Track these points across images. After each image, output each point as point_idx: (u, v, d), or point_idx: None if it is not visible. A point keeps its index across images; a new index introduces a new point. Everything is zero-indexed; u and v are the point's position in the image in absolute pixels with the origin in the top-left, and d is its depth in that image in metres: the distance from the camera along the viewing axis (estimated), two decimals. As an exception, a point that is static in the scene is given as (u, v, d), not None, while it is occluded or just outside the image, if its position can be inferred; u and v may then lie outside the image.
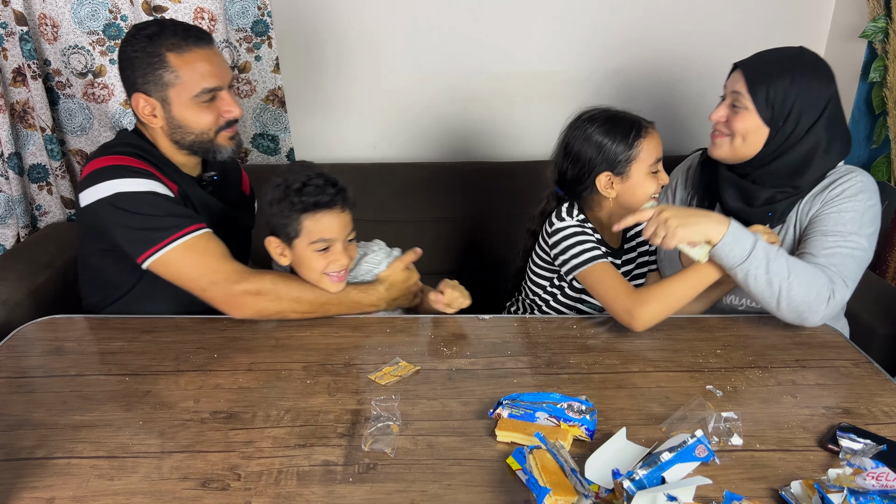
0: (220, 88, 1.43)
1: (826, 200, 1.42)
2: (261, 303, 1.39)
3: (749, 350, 1.37)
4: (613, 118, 1.55)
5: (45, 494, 0.98)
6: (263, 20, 2.07)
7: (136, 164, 1.40)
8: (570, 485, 0.95)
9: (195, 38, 1.40)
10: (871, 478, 0.97)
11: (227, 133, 1.48)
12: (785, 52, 1.44)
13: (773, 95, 1.40)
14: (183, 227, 1.37)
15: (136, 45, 1.39)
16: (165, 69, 1.38)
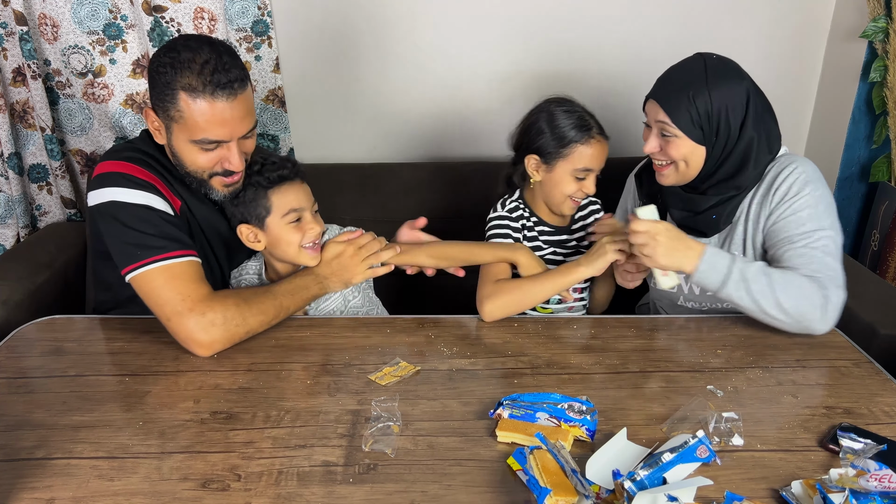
0: (224, 142, 1.36)
1: (776, 203, 1.41)
2: (230, 329, 1.32)
3: (750, 350, 1.37)
4: (571, 113, 1.57)
5: (44, 495, 0.98)
6: (263, 20, 2.07)
7: (139, 174, 1.37)
8: (571, 485, 0.95)
9: (216, 84, 1.30)
10: (873, 479, 0.97)
11: (223, 180, 1.41)
12: (688, 66, 1.43)
13: (697, 116, 1.38)
14: (168, 249, 1.33)
15: (159, 66, 1.33)
16: (174, 105, 1.32)
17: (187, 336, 1.30)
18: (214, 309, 1.31)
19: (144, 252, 1.32)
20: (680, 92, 1.39)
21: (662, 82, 1.44)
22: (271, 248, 1.48)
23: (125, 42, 2.02)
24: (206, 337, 1.30)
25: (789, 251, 1.37)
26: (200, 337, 1.30)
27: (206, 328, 1.30)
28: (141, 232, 1.33)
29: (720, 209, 1.45)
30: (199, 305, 1.30)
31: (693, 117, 1.38)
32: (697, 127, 1.39)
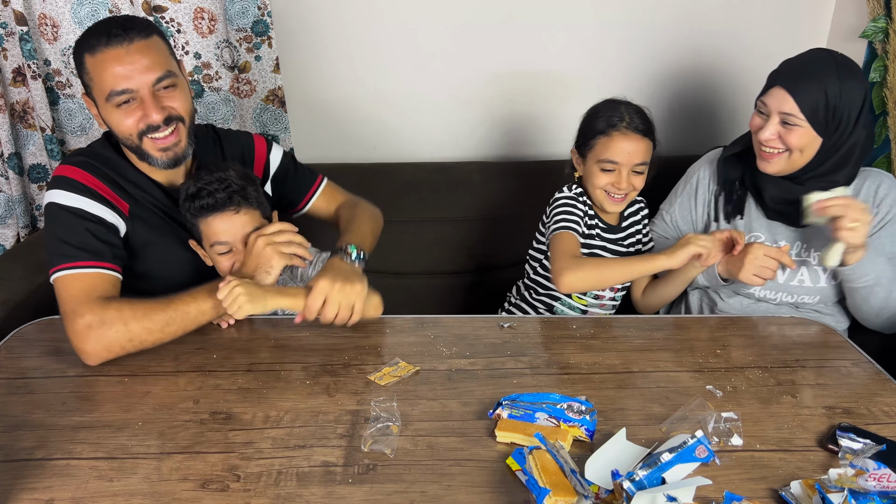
0: (130, 91, 1.33)
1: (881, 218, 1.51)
2: (106, 334, 1.26)
3: (749, 350, 1.37)
4: (610, 107, 1.61)
5: (44, 496, 0.98)
6: (263, 20, 2.07)
7: (84, 179, 1.37)
8: (570, 485, 0.95)
9: (110, 35, 1.30)
10: (872, 479, 0.97)
11: (153, 143, 1.37)
12: (819, 58, 1.44)
13: (825, 107, 1.41)
14: (79, 259, 1.31)
15: (74, 49, 1.37)
16: (84, 72, 1.35)
17: (70, 340, 1.28)
18: (94, 311, 1.26)
19: (59, 258, 1.32)
20: (811, 82, 1.40)
21: (793, 72, 1.43)
22: None
23: (125, 42, 2.02)
24: (80, 343, 1.26)
25: None
26: (76, 342, 1.27)
27: (83, 332, 1.26)
28: (61, 239, 1.33)
29: None
30: (80, 308, 1.27)
31: (821, 108, 1.41)
32: (822, 118, 1.42)
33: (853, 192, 1.52)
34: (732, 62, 2.27)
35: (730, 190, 1.62)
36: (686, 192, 1.70)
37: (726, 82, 2.30)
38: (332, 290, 1.32)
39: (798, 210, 1.50)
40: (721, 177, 1.64)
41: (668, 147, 2.35)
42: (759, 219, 1.60)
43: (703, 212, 1.67)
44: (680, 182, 1.75)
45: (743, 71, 2.28)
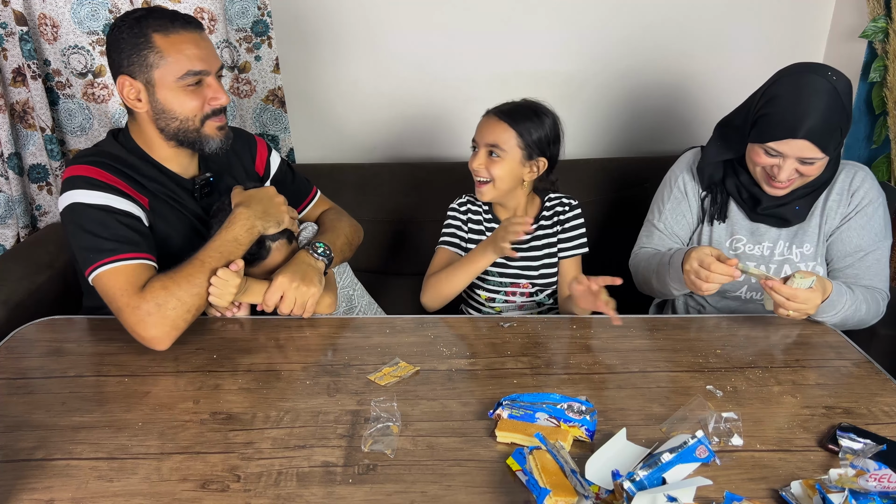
0: (206, 73, 1.40)
1: (853, 208, 1.53)
2: (167, 315, 1.30)
3: (749, 350, 1.37)
4: None
5: (44, 496, 0.98)
6: (263, 20, 2.07)
7: (101, 177, 1.38)
8: (571, 485, 0.95)
9: (183, 21, 1.39)
10: (873, 479, 0.97)
11: (214, 122, 1.44)
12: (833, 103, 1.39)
13: (840, 140, 1.44)
14: (118, 252, 1.33)
15: (122, 28, 1.37)
16: (150, 50, 1.36)
17: (134, 333, 1.32)
18: (146, 299, 1.30)
19: (97, 255, 1.34)
20: (835, 128, 1.41)
21: (814, 122, 1.38)
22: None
23: (125, 42, 2.02)
24: (145, 332, 1.30)
25: (861, 261, 1.53)
26: (143, 331, 1.30)
27: (144, 321, 1.30)
28: (95, 235, 1.35)
29: (804, 201, 1.54)
30: (133, 299, 1.30)
31: (838, 143, 1.44)
32: (836, 147, 1.45)
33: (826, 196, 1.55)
34: (732, 62, 2.27)
35: (714, 193, 1.63)
36: (674, 197, 1.67)
37: (726, 82, 2.30)
38: (289, 288, 1.41)
39: (787, 210, 1.54)
40: (705, 181, 1.63)
41: (671, 147, 2.36)
42: (741, 221, 1.61)
43: (695, 215, 1.66)
44: (662, 190, 1.72)
45: (743, 71, 2.28)
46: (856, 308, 1.45)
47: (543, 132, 1.63)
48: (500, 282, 1.71)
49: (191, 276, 1.33)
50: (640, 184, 2.14)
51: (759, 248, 1.60)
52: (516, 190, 1.67)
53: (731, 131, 1.58)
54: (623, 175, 2.18)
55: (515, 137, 1.61)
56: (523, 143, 1.61)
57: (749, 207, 1.58)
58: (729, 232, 1.62)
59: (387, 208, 2.14)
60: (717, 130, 1.63)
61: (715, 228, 1.63)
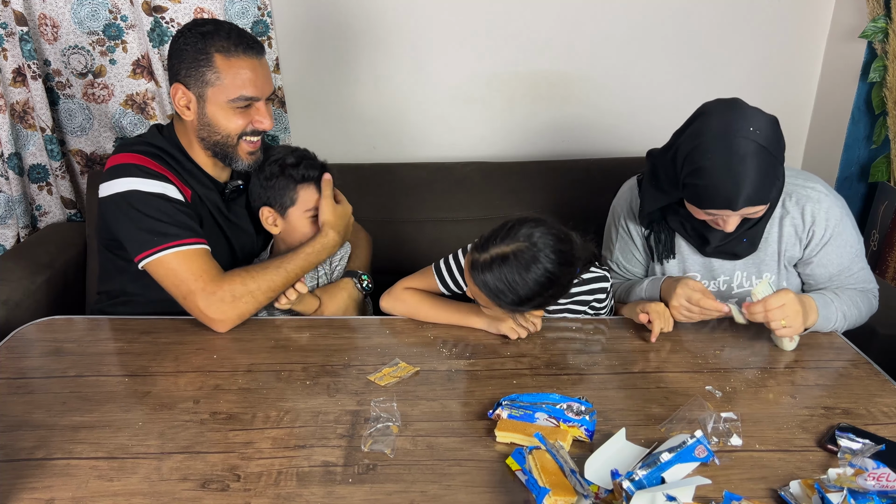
0: (257, 99, 1.45)
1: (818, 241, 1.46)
2: (239, 307, 1.40)
3: (748, 350, 1.37)
4: None
5: (44, 495, 0.98)
6: (263, 20, 2.07)
7: (152, 166, 1.44)
8: (570, 485, 0.95)
9: (246, 45, 1.42)
10: (871, 478, 0.97)
11: (248, 146, 1.49)
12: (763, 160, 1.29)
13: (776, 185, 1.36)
14: (182, 237, 1.40)
15: (187, 39, 1.41)
16: (209, 68, 1.40)
17: (200, 313, 1.40)
18: (223, 287, 1.39)
19: (160, 238, 1.39)
20: (770, 184, 1.32)
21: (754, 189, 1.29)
22: (284, 235, 1.58)
23: (125, 42, 2.02)
24: (218, 314, 1.39)
25: (851, 276, 1.50)
26: (213, 314, 1.39)
27: (217, 305, 1.38)
28: (156, 219, 1.39)
29: (751, 232, 1.45)
30: (209, 285, 1.38)
31: (779, 187, 1.38)
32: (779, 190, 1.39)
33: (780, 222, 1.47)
34: (732, 62, 2.27)
35: (658, 231, 1.55)
36: (620, 238, 1.63)
37: (727, 82, 2.30)
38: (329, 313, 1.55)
39: (734, 245, 1.46)
40: (646, 221, 1.55)
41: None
42: (692, 256, 1.54)
43: (643, 254, 1.62)
44: (609, 228, 1.68)
45: (743, 71, 2.28)
46: (848, 308, 1.43)
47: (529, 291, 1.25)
48: None
49: (271, 280, 1.44)
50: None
51: (714, 283, 1.53)
52: None
53: (661, 172, 1.46)
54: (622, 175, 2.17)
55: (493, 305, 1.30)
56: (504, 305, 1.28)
57: (697, 244, 1.51)
58: (681, 268, 1.55)
59: (387, 208, 2.14)
60: (648, 162, 1.53)
61: (666, 266, 1.56)
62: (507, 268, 1.22)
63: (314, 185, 1.56)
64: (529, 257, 1.22)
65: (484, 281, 1.25)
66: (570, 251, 1.27)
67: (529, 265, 1.22)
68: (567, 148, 2.36)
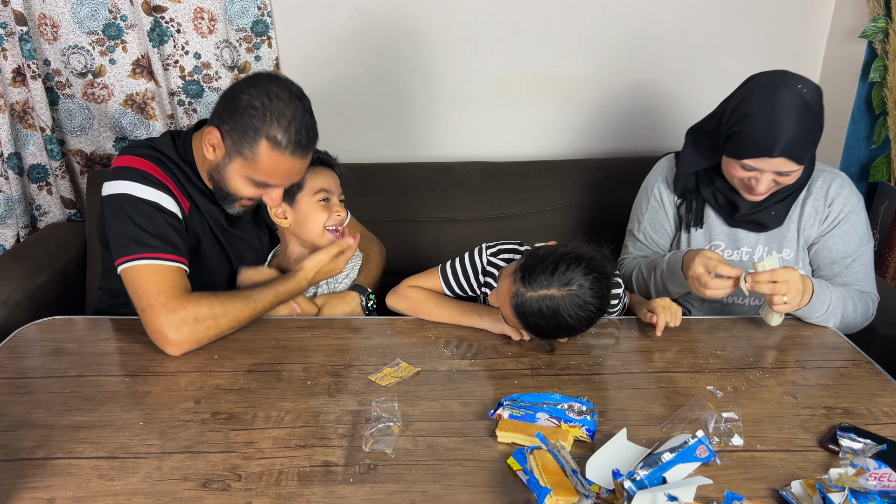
0: (275, 187, 1.44)
1: (834, 218, 1.53)
2: (199, 331, 1.33)
3: (749, 351, 1.37)
4: None
5: (45, 495, 0.98)
6: (263, 20, 2.07)
7: (155, 173, 1.42)
8: (571, 485, 0.95)
9: (297, 145, 1.37)
10: (873, 478, 0.97)
11: (247, 202, 1.48)
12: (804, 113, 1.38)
13: (815, 145, 1.45)
14: (159, 250, 1.36)
15: (250, 105, 1.34)
16: (251, 147, 1.36)
17: (156, 330, 1.32)
18: (187, 308, 1.32)
19: (138, 247, 1.36)
20: (810, 140, 1.41)
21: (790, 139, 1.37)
22: (296, 227, 1.56)
23: (125, 42, 2.02)
24: (175, 335, 1.31)
25: (849, 267, 1.54)
26: (170, 333, 1.31)
27: (176, 325, 1.31)
28: (140, 227, 1.37)
29: (780, 206, 1.53)
30: (172, 302, 1.32)
31: (812, 152, 1.46)
32: (812, 156, 1.47)
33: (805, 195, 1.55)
34: (732, 62, 2.28)
35: (689, 200, 1.62)
36: (651, 207, 1.68)
37: (727, 82, 2.30)
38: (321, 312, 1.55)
39: (763, 216, 1.53)
40: (679, 189, 1.62)
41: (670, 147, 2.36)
42: (719, 227, 1.60)
43: (673, 224, 1.66)
44: (640, 199, 1.72)
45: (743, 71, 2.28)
46: (843, 304, 1.45)
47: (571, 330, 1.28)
48: None
49: (238, 310, 1.38)
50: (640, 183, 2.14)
51: (737, 253, 1.59)
52: None
53: (703, 139, 1.57)
54: (622, 175, 2.18)
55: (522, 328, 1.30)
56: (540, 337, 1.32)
57: (726, 213, 1.58)
58: (707, 237, 1.61)
59: (387, 208, 2.14)
60: (688, 137, 1.62)
61: (693, 235, 1.62)
62: (554, 313, 1.21)
63: (322, 168, 1.56)
64: (577, 304, 1.21)
65: (527, 320, 1.24)
66: (608, 284, 1.27)
67: (576, 311, 1.22)
68: (567, 148, 2.36)
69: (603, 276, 1.25)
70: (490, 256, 1.49)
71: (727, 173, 1.51)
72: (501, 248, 1.49)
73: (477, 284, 1.51)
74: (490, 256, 1.49)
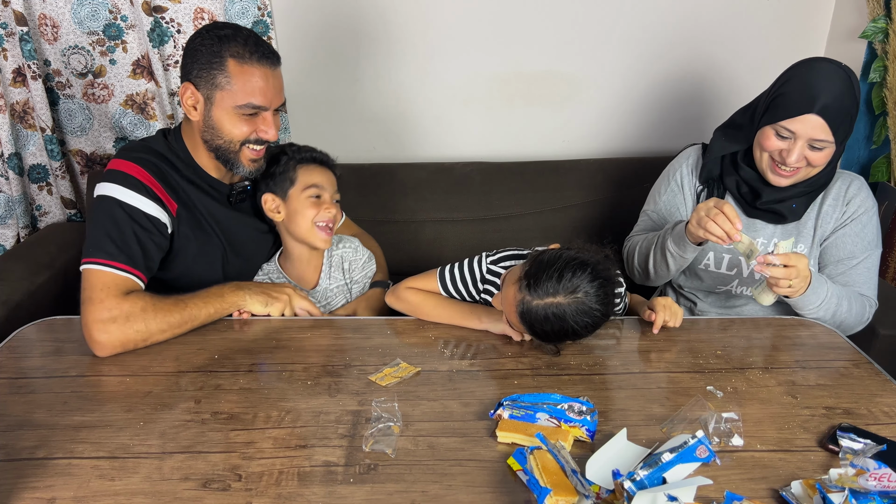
0: (265, 109, 1.44)
1: (849, 216, 1.55)
2: (127, 332, 1.31)
3: (749, 351, 1.37)
4: None
5: (45, 495, 0.98)
6: (263, 20, 2.07)
7: (140, 177, 1.42)
8: (571, 485, 0.95)
9: (261, 53, 1.41)
10: (873, 479, 0.97)
11: (250, 154, 1.48)
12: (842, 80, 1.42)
13: (849, 130, 1.46)
14: (115, 259, 1.35)
15: (204, 40, 1.40)
16: (221, 72, 1.39)
17: (85, 328, 1.32)
18: (121, 305, 1.32)
19: (96, 251, 1.36)
20: (847, 113, 1.43)
21: (828, 99, 1.40)
22: (287, 222, 1.57)
23: (125, 42, 2.02)
24: (101, 333, 1.30)
25: (853, 269, 1.55)
26: (96, 332, 1.30)
27: (104, 323, 1.31)
28: (105, 233, 1.37)
29: (802, 200, 1.55)
30: (109, 300, 1.32)
31: (847, 129, 1.45)
32: (844, 136, 1.46)
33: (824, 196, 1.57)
34: (732, 62, 2.28)
35: (711, 188, 1.65)
36: (671, 190, 1.70)
37: (725, 82, 2.30)
38: None
39: (784, 206, 1.55)
40: (703, 176, 1.65)
41: (670, 147, 2.36)
42: None
43: (690, 209, 1.68)
44: (660, 182, 1.75)
45: (743, 71, 2.28)
46: (839, 301, 1.47)
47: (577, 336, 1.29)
48: None
49: (168, 312, 1.36)
50: (640, 184, 2.14)
51: None
52: None
53: (733, 129, 1.60)
54: (622, 175, 2.18)
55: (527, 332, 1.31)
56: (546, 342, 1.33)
57: (747, 202, 1.59)
58: None
59: (387, 208, 2.14)
60: (717, 133, 1.64)
61: None
62: (561, 320, 1.22)
63: (316, 165, 1.58)
64: (583, 311, 1.22)
65: (533, 327, 1.24)
66: (612, 289, 1.27)
67: (582, 317, 1.22)
68: (567, 148, 2.36)
69: (608, 282, 1.25)
70: (490, 265, 1.48)
71: (758, 150, 1.51)
72: (503, 255, 1.48)
73: (476, 291, 1.50)
74: (490, 265, 1.48)
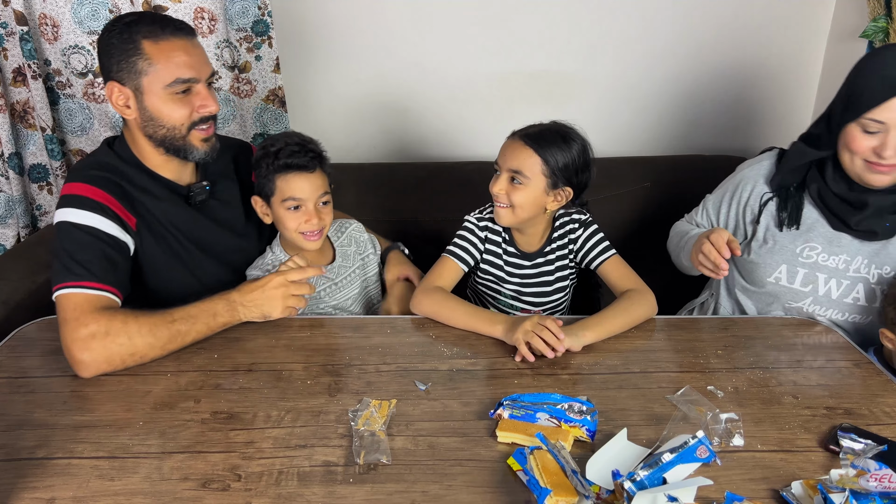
0: (195, 81, 1.38)
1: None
2: (109, 347, 1.25)
3: (750, 351, 1.37)
4: None
5: (45, 495, 0.98)
6: (263, 20, 2.07)
7: (95, 196, 1.37)
8: (571, 485, 0.95)
9: (174, 27, 1.37)
10: (873, 479, 0.97)
11: (200, 134, 1.42)
12: None
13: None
14: (83, 279, 1.30)
15: (112, 33, 1.36)
16: (139, 56, 1.34)
17: (66, 350, 1.26)
18: (99, 321, 1.25)
19: (65, 276, 1.31)
20: None
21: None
22: (277, 225, 1.56)
23: (125, 42, 2.02)
24: (83, 352, 1.24)
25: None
26: (77, 351, 1.24)
27: (85, 341, 1.24)
28: (69, 256, 1.32)
29: (894, 217, 1.43)
30: (84, 317, 1.26)
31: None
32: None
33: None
34: (731, 62, 2.28)
35: (785, 197, 1.54)
36: (731, 192, 1.62)
37: (725, 82, 2.30)
38: None
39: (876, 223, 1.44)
40: (774, 184, 1.54)
41: (669, 147, 2.36)
42: (820, 228, 1.50)
43: (742, 215, 1.60)
44: (728, 181, 1.66)
45: (742, 71, 2.28)
46: None
47: (570, 159, 1.49)
48: (511, 304, 1.68)
49: (154, 326, 1.29)
50: (640, 184, 2.14)
51: (834, 259, 1.49)
52: (537, 217, 1.57)
53: (813, 138, 1.49)
54: (622, 175, 2.18)
55: (540, 164, 1.48)
56: (548, 170, 1.48)
57: (836, 215, 1.47)
58: (803, 239, 1.51)
59: (387, 208, 2.13)
60: (795, 143, 1.54)
61: (785, 234, 1.53)
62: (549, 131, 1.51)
63: (295, 173, 1.47)
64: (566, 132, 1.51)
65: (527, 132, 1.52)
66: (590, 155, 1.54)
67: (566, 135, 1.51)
68: (567, 148, 2.36)
69: None
70: (478, 221, 1.64)
71: (848, 155, 1.40)
72: (483, 209, 1.66)
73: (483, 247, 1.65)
74: (478, 221, 1.64)
